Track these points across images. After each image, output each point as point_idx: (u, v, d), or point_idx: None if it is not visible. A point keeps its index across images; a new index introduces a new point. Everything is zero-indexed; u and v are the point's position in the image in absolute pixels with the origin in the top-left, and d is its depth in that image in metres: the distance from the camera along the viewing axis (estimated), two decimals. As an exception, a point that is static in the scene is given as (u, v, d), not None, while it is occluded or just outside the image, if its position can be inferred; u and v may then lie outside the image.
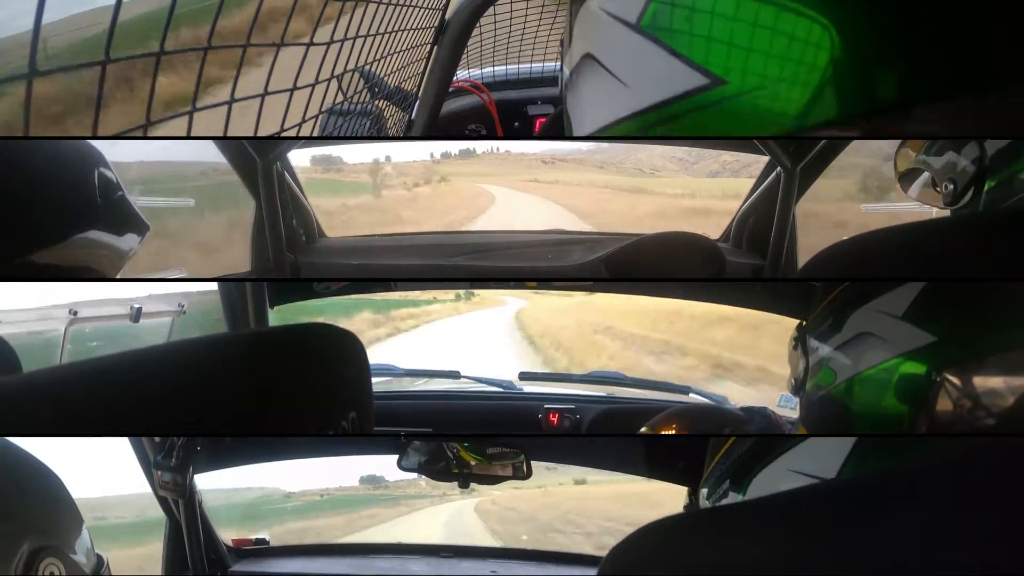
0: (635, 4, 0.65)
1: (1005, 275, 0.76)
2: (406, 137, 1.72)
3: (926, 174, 1.15)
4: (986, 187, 1.05)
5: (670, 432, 1.28)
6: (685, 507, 1.16)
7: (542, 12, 1.88)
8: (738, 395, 3.19)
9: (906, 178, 1.22)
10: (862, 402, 0.86)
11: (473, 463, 1.66)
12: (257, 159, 1.68)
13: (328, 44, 0.84)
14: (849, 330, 0.89)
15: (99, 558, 0.90)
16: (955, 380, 0.77)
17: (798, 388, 1.00)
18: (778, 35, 0.58)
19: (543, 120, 1.98)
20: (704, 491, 1.07)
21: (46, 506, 0.82)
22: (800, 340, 0.99)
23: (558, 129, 1.77)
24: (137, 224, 0.93)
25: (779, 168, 1.81)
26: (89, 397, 0.60)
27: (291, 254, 1.79)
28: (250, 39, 0.64)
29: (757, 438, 1.13)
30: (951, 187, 1.09)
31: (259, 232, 1.76)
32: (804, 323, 1.00)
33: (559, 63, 0.99)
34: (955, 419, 0.77)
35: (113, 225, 0.87)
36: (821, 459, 0.81)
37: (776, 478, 0.87)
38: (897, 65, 0.57)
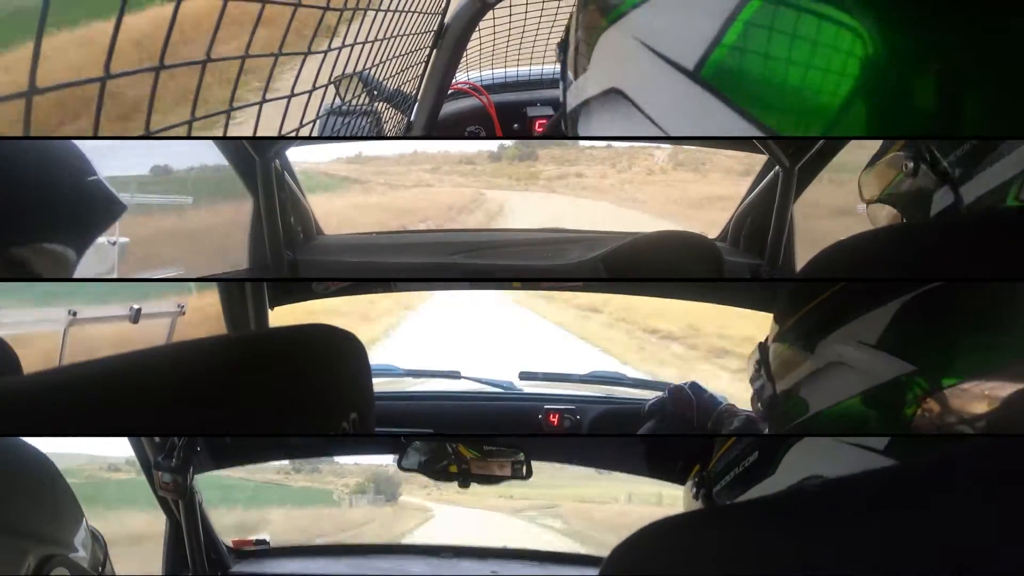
0: (694, 48, 0.57)
1: (1004, 276, 0.75)
2: (405, 137, 1.72)
3: (893, 211, 1.12)
4: None
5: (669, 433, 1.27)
6: (695, 484, 1.13)
7: (541, 15, 1.88)
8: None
9: (873, 208, 1.17)
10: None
11: (470, 457, 1.66)
12: (256, 158, 1.69)
13: (326, 52, 0.84)
14: (820, 358, 0.83)
15: (95, 538, 0.86)
16: (936, 408, 0.74)
17: (765, 415, 0.94)
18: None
19: (543, 122, 1.98)
20: (719, 467, 1.03)
21: (51, 509, 0.78)
22: (763, 362, 0.93)
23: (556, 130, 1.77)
24: (112, 205, 0.92)
25: (777, 167, 1.82)
26: (90, 399, 0.60)
27: (289, 252, 1.79)
28: (248, 50, 0.64)
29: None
30: None
31: (257, 230, 1.76)
32: (764, 342, 0.94)
33: (557, 67, 0.94)
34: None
35: (87, 207, 0.86)
36: None
37: (820, 447, 0.82)
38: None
